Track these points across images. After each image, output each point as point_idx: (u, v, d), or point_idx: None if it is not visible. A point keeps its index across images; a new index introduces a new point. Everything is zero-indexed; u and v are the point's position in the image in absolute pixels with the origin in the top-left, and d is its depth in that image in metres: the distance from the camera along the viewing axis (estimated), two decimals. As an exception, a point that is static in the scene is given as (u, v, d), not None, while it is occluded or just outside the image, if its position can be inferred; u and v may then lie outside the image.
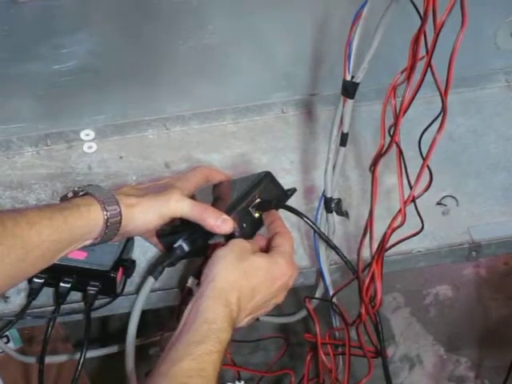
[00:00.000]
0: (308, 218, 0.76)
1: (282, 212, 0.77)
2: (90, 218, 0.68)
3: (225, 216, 0.72)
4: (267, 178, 0.77)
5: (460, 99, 0.99)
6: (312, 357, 0.90)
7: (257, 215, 0.75)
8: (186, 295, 0.74)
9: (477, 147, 0.95)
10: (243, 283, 0.68)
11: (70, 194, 0.72)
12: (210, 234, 0.74)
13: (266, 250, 0.74)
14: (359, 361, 0.85)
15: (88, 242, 0.69)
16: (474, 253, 0.86)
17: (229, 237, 0.73)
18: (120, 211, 0.69)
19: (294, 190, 0.78)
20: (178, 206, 0.73)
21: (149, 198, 0.73)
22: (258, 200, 0.75)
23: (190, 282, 0.74)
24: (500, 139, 0.96)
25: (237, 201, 0.75)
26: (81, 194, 0.71)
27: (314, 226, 0.77)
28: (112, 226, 0.69)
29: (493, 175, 0.92)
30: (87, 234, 0.68)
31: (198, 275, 0.72)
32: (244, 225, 0.74)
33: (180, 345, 0.61)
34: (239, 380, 0.78)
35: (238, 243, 0.71)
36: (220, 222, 0.71)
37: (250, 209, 0.74)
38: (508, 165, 0.94)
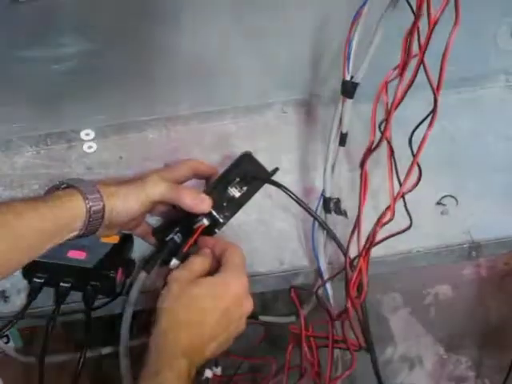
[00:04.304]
0: (294, 194, 0.78)
1: (281, 210, 0.77)
2: (73, 208, 0.69)
3: (202, 195, 0.75)
4: (246, 157, 0.79)
5: (460, 99, 0.99)
6: (295, 345, 0.90)
7: (237, 194, 0.77)
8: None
9: (477, 147, 0.95)
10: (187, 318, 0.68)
11: (53, 189, 0.73)
12: (196, 221, 0.75)
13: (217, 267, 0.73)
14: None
15: (74, 234, 0.70)
16: (474, 253, 0.86)
17: (212, 219, 0.75)
18: (101, 199, 0.71)
19: (276, 170, 0.80)
20: (155, 188, 0.74)
21: (127, 184, 0.75)
22: (238, 179, 0.77)
23: (173, 263, 0.74)
24: (500, 139, 0.96)
25: (216, 181, 0.78)
26: (63, 187, 0.72)
27: (300, 203, 0.79)
28: (95, 215, 0.70)
29: (493, 175, 0.92)
30: (72, 223, 0.69)
31: (182, 258, 0.74)
32: (224, 204, 0.76)
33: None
34: (216, 366, 0.77)
35: (176, 275, 0.70)
36: (198, 201, 0.74)
37: (229, 188, 0.77)
38: (508, 165, 0.93)
